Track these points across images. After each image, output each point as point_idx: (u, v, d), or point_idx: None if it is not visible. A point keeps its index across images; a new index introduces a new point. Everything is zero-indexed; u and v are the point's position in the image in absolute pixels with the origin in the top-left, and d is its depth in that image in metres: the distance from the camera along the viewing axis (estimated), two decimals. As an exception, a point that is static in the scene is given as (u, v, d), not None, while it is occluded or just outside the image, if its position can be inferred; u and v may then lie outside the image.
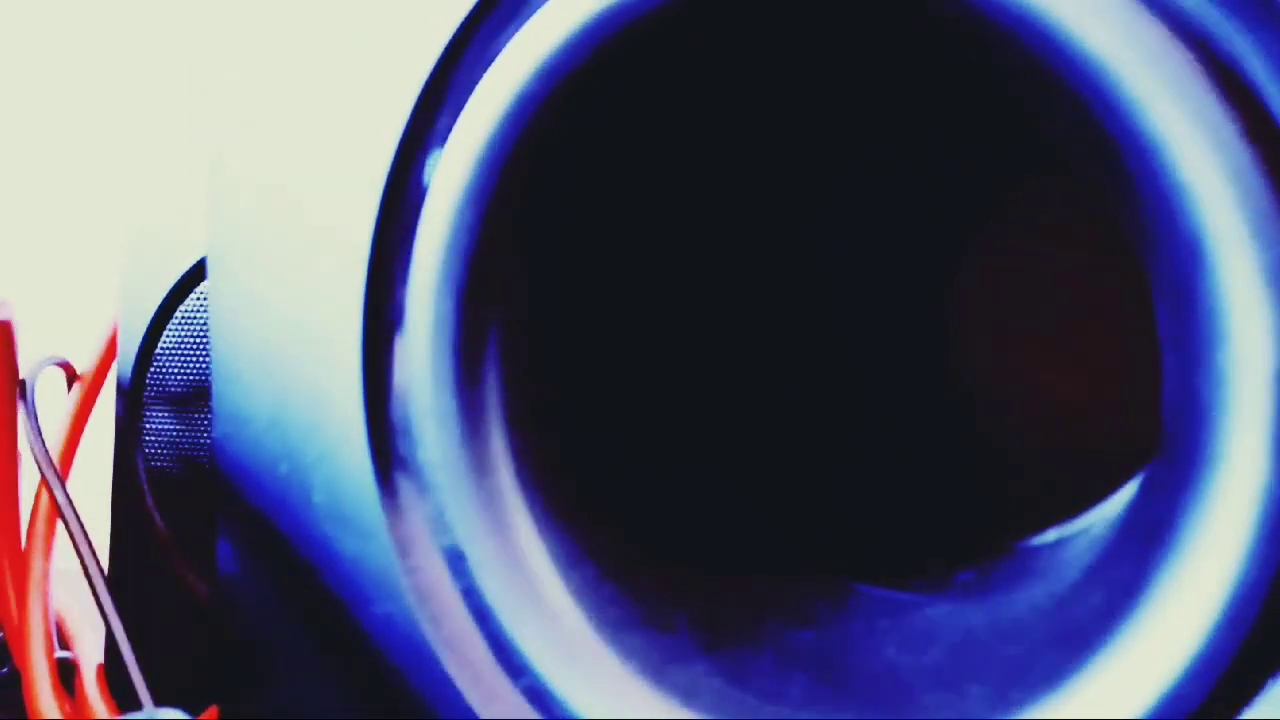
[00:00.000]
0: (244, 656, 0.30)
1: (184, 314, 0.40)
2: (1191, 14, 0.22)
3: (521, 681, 0.27)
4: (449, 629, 0.28)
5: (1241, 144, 0.21)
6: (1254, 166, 0.21)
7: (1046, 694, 0.23)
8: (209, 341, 0.32)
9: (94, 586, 0.36)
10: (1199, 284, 0.21)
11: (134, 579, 0.40)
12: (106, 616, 0.36)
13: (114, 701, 0.36)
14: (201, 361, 0.40)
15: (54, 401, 0.41)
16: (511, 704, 0.27)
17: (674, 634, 0.27)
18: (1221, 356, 0.21)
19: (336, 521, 0.29)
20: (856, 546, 0.32)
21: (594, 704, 0.26)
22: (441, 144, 0.28)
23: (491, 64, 0.27)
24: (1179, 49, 0.21)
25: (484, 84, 0.27)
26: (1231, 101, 0.21)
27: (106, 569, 0.38)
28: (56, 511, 0.37)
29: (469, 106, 0.27)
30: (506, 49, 0.27)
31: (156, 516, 0.39)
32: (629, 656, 0.27)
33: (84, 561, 0.36)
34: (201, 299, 0.40)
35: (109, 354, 0.41)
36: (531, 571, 0.27)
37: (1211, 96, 0.21)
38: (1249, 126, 0.21)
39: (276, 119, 0.30)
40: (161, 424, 0.40)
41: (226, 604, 0.30)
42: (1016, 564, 0.30)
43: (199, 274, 0.39)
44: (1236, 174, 0.21)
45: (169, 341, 0.40)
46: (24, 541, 0.38)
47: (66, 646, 0.39)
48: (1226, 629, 0.21)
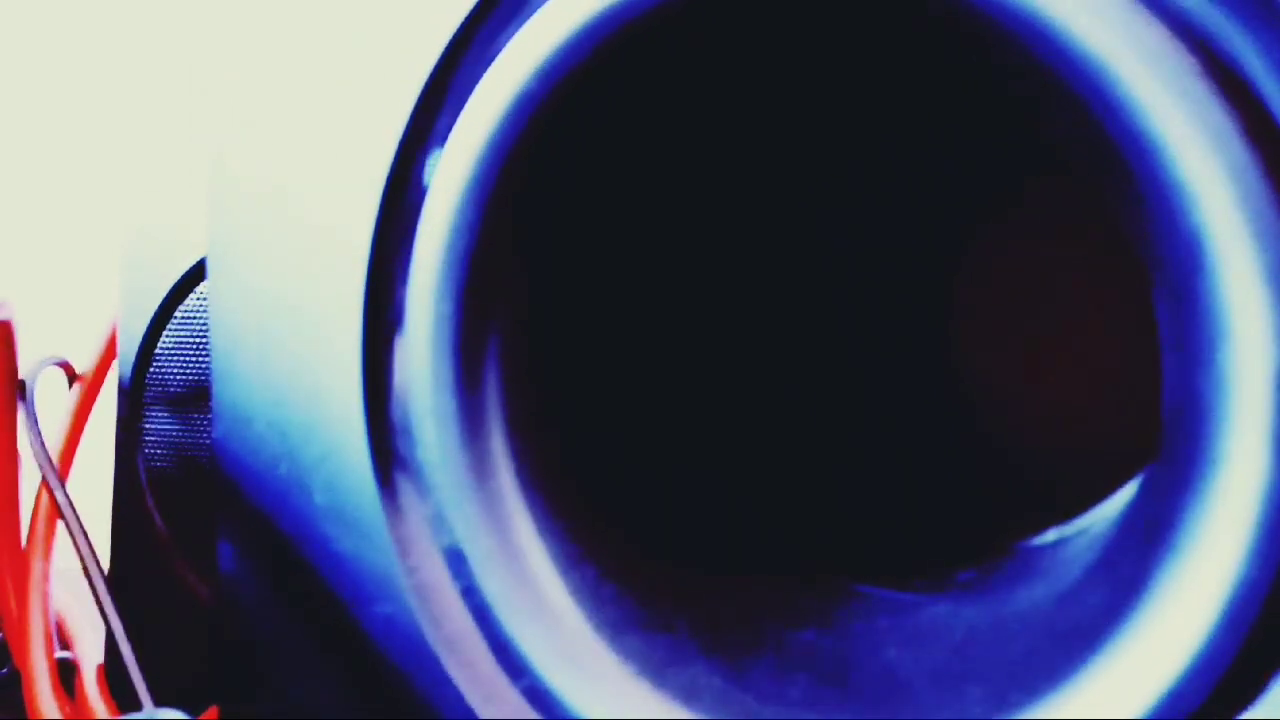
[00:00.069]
0: (244, 656, 0.30)
1: (184, 314, 0.40)
2: (1191, 14, 0.22)
3: (521, 681, 0.27)
4: (449, 629, 0.28)
5: (1241, 144, 0.21)
6: (1254, 166, 0.21)
7: (1046, 694, 0.23)
8: (209, 341, 0.32)
9: (94, 586, 0.36)
10: (1199, 284, 0.21)
11: (134, 579, 0.40)
12: (106, 616, 0.36)
13: (114, 701, 0.36)
14: (201, 361, 0.40)
15: (54, 401, 0.41)
16: (511, 704, 0.27)
17: (674, 634, 0.27)
18: (1221, 356, 0.21)
19: (336, 521, 0.29)
20: (856, 546, 0.32)
21: (594, 704, 0.26)
22: (441, 144, 0.28)
23: (491, 64, 0.27)
24: (1179, 49, 0.21)
25: (484, 84, 0.27)
26: (1231, 101, 0.21)
27: (106, 569, 0.38)
28: (56, 511, 0.37)
29: (469, 106, 0.27)
30: (506, 49, 0.27)
31: (156, 516, 0.39)
32: (629, 657, 0.27)
33: (84, 561, 0.36)
34: (201, 299, 0.40)
35: (109, 354, 0.41)
36: (531, 571, 0.27)
37: (1211, 96, 0.21)
38: (1249, 126, 0.21)
39: (276, 119, 0.30)
40: (161, 424, 0.40)
41: (226, 604, 0.30)
42: (1016, 564, 0.30)
43: (199, 274, 0.39)
44: (1236, 174, 0.21)
45: (169, 341, 0.40)
46: (24, 541, 0.38)
47: (66, 646, 0.39)
48: (1226, 629, 0.21)
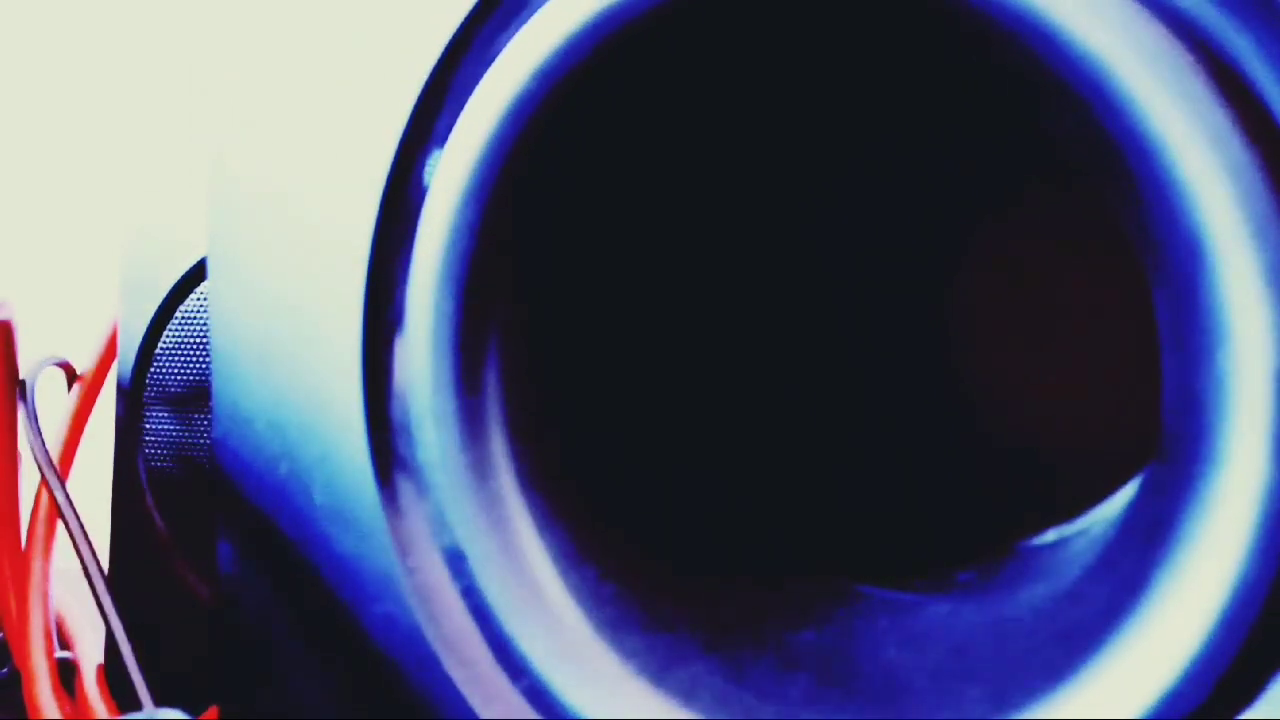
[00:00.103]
0: (244, 656, 0.30)
1: (184, 314, 0.40)
2: (1191, 14, 0.22)
3: (521, 681, 0.27)
4: (449, 629, 0.28)
5: (1241, 144, 0.21)
6: (1254, 166, 0.21)
7: (1046, 694, 0.23)
8: (209, 341, 0.32)
9: (94, 586, 0.36)
10: (1199, 284, 0.21)
11: (134, 579, 0.40)
12: (106, 616, 0.36)
13: (114, 701, 0.36)
14: (201, 361, 0.40)
15: (54, 401, 0.41)
16: (511, 704, 0.27)
17: (674, 634, 0.27)
18: (1221, 356, 0.21)
19: (336, 521, 0.29)
20: (856, 546, 0.32)
21: (594, 704, 0.26)
22: (441, 144, 0.28)
23: (491, 64, 0.27)
24: (1179, 49, 0.21)
25: (484, 84, 0.27)
26: (1231, 101, 0.21)
27: (106, 569, 0.38)
28: (56, 511, 0.37)
29: (469, 106, 0.27)
30: (506, 49, 0.27)
31: (156, 516, 0.39)
32: (629, 656, 0.27)
33: (84, 561, 0.36)
34: (201, 299, 0.40)
35: (109, 354, 0.41)
36: (531, 572, 0.27)
37: (1211, 96, 0.21)
38: (1249, 126, 0.21)
39: (276, 119, 0.30)
40: (161, 424, 0.40)
41: (227, 604, 0.30)
42: (1016, 564, 0.30)
43: (199, 274, 0.39)
44: (1236, 174, 0.21)
45: (169, 341, 0.40)
46: (24, 541, 0.38)
47: (66, 646, 0.39)
48: (1226, 629, 0.21)
